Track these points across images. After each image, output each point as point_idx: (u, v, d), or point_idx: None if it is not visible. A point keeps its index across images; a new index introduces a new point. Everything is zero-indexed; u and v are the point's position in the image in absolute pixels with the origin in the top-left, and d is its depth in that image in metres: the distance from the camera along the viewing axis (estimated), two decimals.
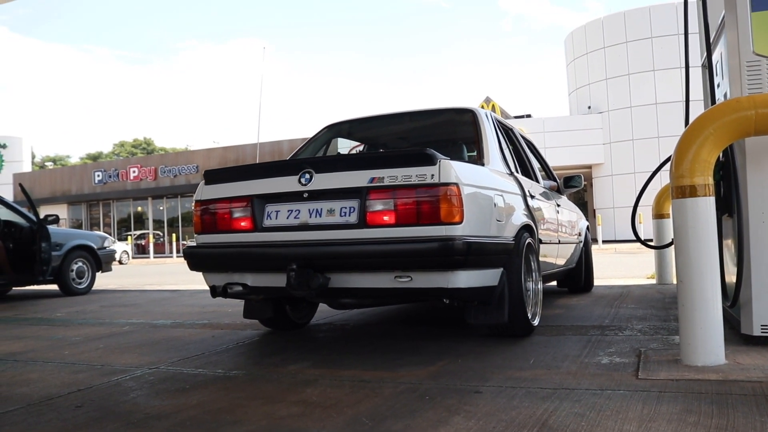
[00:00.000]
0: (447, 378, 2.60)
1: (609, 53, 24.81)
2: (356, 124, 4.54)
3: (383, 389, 2.46)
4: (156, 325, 4.65)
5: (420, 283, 2.92)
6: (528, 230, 3.65)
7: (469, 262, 2.90)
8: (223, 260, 3.33)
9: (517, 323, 3.35)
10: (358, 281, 3.03)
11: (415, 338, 3.63)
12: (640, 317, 4.07)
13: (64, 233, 7.92)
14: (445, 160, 2.90)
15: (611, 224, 23.99)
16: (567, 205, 5.34)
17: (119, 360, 3.34)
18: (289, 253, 3.05)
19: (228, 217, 3.34)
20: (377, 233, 2.94)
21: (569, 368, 2.68)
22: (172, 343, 3.80)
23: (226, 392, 2.55)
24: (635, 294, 5.52)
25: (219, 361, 3.21)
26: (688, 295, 2.59)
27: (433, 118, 4.38)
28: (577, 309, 4.64)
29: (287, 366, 2.99)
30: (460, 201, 2.86)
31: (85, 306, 6.35)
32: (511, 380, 2.52)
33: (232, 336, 3.98)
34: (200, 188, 3.47)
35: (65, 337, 4.23)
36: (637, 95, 24.07)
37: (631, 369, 2.61)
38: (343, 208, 3.03)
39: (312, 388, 2.54)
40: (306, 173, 3.10)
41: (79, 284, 7.77)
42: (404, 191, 2.90)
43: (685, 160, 2.60)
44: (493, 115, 4.05)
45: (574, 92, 27.26)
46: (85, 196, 32.66)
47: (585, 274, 5.73)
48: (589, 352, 2.99)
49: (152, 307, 6.02)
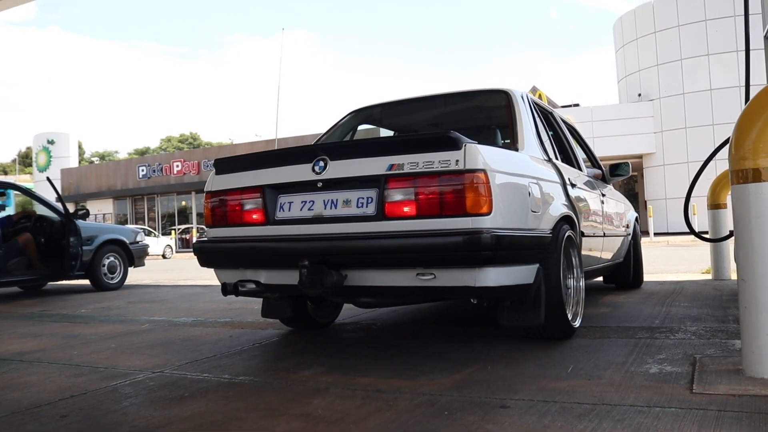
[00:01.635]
0: (472, 388, 2.30)
1: (660, 38, 23.83)
2: (384, 108, 4.25)
3: (398, 402, 2.18)
4: (176, 323, 4.46)
5: (444, 281, 2.62)
6: (568, 222, 3.31)
7: (500, 258, 2.59)
8: (234, 256, 3.10)
9: (555, 325, 3.03)
10: (377, 279, 2.75)
11: (444, 340, 3.33)
12: (695, 317, 3.69)
13: (95, 227, 7.85)
14: (472, 144, 2.59)
15: (663, 216, 23.11)
16: (613, 194, 4.95)
17: (126, 362, 3.14)
18: (301, 248, 2.79)
19: (239, 209, 3.09)
20: (397, 226, 2.65)
21: (612, 378, 2.34)
22: (187, 344, 3.59)
23: (225, 402, 2.31)
24: (689, 291, 5.10)
25: (229, 364, 2.97)
26: (751, 295, 2.23)
27: (466, 101, 4.06)
28: (624, 308, 4.27)
29: (300, 371, 2.74)
30: (488, 189, 2.55)
31: (113, 302, 6.24)
32: (545, 392, 2.20)
33: (250, 336, 3.75)
34: (210, 178, 3.24)
35: (81, 335, 4.07)
36: (691, 81, 23.05)
37: (684, 380, 2.26)
38: (360, 198, 2.76)
39: (320, 399, 2.27)
40: (320, 161, 2.83)
41: (111, 279, 7.69)
42: (426, 179, 2.61)
43: (748, 140, 2.23)
44: (531, 96, 3.71)
45: (623, 80, 26.36)
46: (130, 191, 33.17)
47: (633, 270, 5.32)
48: (635, 359, 2.65)
49: (179, 303, 5.86)
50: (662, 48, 23.80)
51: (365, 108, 4.22)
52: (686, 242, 16.32)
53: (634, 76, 25.22)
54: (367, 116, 4.26)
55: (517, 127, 3.33)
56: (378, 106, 4.22)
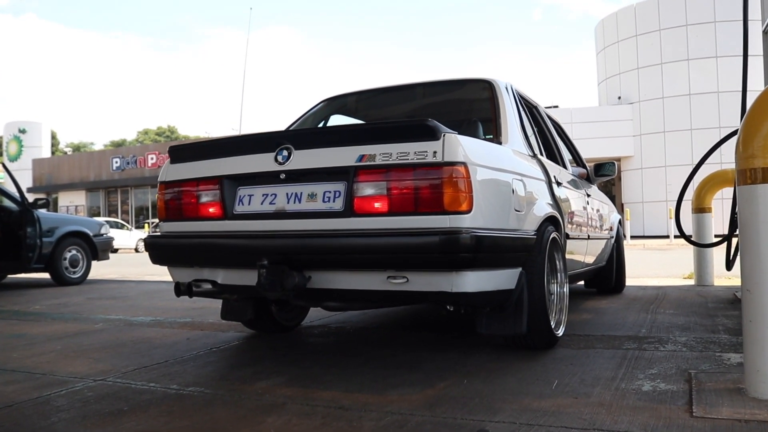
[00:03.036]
0: (447, 407, 2.06)
1: (641, 41, 23.82)
2: (359, 97, 3.98)
3: (363, 422, 1.93)
4: (133, 323, 4.16)
5: (418, 285, 2.37)
6: (553, 223, 3.08)
7: (480, 261, 2.34)
8: (189, 252, 2.82)
9: (537, 334, 2.79)
10: (344, 282, 2.49)
11: (418, 348, 3.08)
12: (683, 326, 3.48)
13: (56, 218, 7.45)
14: (451, 134, 2.35)
15: (640, 219, 23.12)
16: (598, 195, 4.74)
17: (68, 367, 2.85)
18: (260, 245, 2.52)
19: (195, 202, 2.81)
20: (366, 223, 2.39)
21: (602, 397, 2.11)
22: (139, 347, 3.30)
23: (167, 419, 2.03)
24: (672, 297, 4.91)
25: (180, 372, 2.69)
26: (757, 308, 2.01)
27: (447, 90, 3.80)
28: (608, 314, 4.06)
29: (256, 382, 2.47)
30: (468, 185, 2.31)
31: (71, 298, 5.90)
32: (528, 413, 1.96)
33: (209, 339, 3.47)
34: (165, 167, 2.96)
35: (26, 335, 3.76)
36: (670, 85, 23.05)
37: (681, 400, 2.04)
38: (327, 192, 2.49)
39: (275, 417, 2.01)
40: (283, 150, 2.56)
41: (73, 273, 7.32)
42: (400, 172, 2.35)
43: (758, 136, 2.01)
44: (515, 88, 3.48)
45: (603, 82, 26.32)
46: (103, 183, 32.49)
47: (616, 274, 5.12)
48: (625, 374, 2.42)
49: (141, 300, 5.54)
50: (643, 51, 23.78)
51: (339, 96, 3.95)
52: (662, 246, 16.29)
53: (615, 78, 25.19)
54: (341, 105, 3.99)
55: (500, 119, 3.09)
56: (353, 95, 3.95)
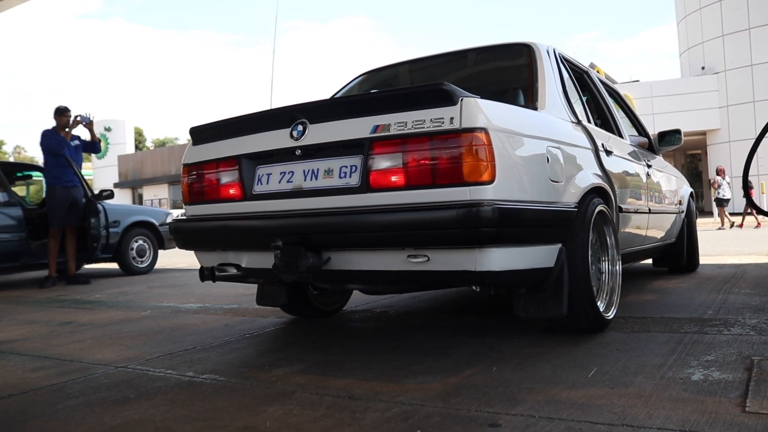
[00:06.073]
0: (464, 397, 1.87)
1: (726, 6, 22.36)
2: (397, 69, 3.78)
3: (367, 413, 1.77)
4: (180, 310, 4.15)
5: (439, 264, 2.18)
6: (601, 194, 2.82)
7: (506, 236, 2.13)
8: (210, 236, 2.73)
9: (581, 316, 2.55)
10: (363, 262, 2.32)
11: (455, 333, 2.89)
12: (756, 307, 3.14)
13: (122, 209, 7.61)
14: (470, 98, 2.14)
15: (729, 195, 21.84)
16: (662, 166, 4.38)
17: (97, 354, 2.82)
18: (275, 225, 2.40)
19: (216, 183, 2.72)
20: (383, 199, 2.22)
21: (642, 387, 1.87)
22: (175, 333, 3.26)
23: (168, 407, 1.94)
24: (752, 275, 4.50)
25: (202, 359, 2.61)
26: None
27: (487, 56, 3.54)
28: (673, 294, 3.73)
29: (274, 369, 2.35)
30: (490, 153, 2.09)
31: (133, 287, 6.00)
32: (552, 404, 1.75)
33: (246, 325, 3.39)
34: (188, 149, 2.88)
35: (74, 323, 3.80)
36: (759, 52, 21.54)
37: (735, 393, 1.77)
38: (344, 167, 2.33)
39: (277, 406, 1.88)
40: (298, 124, 2.41)
41: (140, 263, 7.47)
42: (416, 142, 2.17)
43: None
44: (561, 52, 3.21)
45: (685, 52, 24.96)
46: None
47: (688, 251, 4.74)
48: (676, 360, 2.16)
49: (198, 288, 5.56)
50: (728, 17, 22.34)
51: (376, 70, 3.78)
52: (752, 222, 15.30)
53: (697, 48, 23.83)
54: (380, 79, 3.81)
55: (537, 83, 2.84)
56: (390, 68, 3.76)
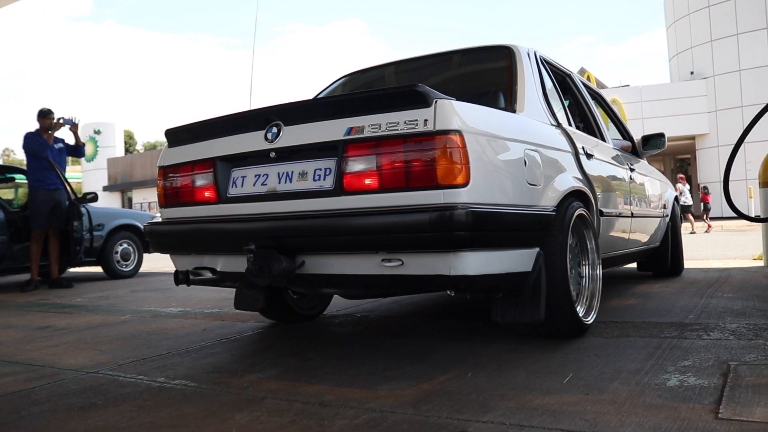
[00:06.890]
0: (435, 404, 1.84)
1: (714, 12, 22.51)
2: (378, 71, 3.75)
3: (335, 421, 1.73)
4: (159, 314, 4.10)
5: (413, 268, 2.15)
6: (580, 198, 2.79)
7: (481, 240, 2.10)
8: (185, 239, 2.69)
9: (559, 321, 2.52)
10: (337, 266, 2.29)
11: (436, 337, 2.86)
12: (738, 311, 3.12)
13: (106, 213, 7.52)
14: (444, 99, 2.11)
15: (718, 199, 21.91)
16: (646, 170, 4.37)
17: (69, 359, 2.77)
18: (248, 229, 2.36)
19: (191, 186, 2.68)
20: (356, 202, 2.19)
21: (616, 393, 1.84)
22: (151, 338, 3.21)
23: (134, 415, 1.90)
24: (735, 279, 4.49)
25: (176, 363, 2.57)
26: None
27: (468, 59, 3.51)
28: (656, 299, 3.71)
29: (247, 375, 2.31)
30: (464, 155, 2.07)
31: (116, 290, 5.94)
32: (523, 411, 1.72)
33: (224, 329, 3.35)
34: (163, 152, 2.84)
35: (51, 327, 3.74)
36: (747, 57, 21.68)
37: (709, 399, 1.75)
38: (318, 170, 2.30)
39: (245, 413, 1.84)
40: (273, 126, 2.38)
41: (124, 266, 7.39)
42: (390, 144, 2.14)
43: None
44: (541, 54, 3.19)
45: (674, 57, 25.08)
46: None
47: (672, 255, 4.73)
48: (653, 366, 2.13)
49: (182, 292, 5.49)
50: (716, 23, 22.48)
51: (359, 72, 3.74)
52: (741, 227, 15.37)
53: (686, 53, 23.95)
54: (363, 81, 3.78)
55: (516, 85, 2.81)
56: (373, 69, 3.73)
